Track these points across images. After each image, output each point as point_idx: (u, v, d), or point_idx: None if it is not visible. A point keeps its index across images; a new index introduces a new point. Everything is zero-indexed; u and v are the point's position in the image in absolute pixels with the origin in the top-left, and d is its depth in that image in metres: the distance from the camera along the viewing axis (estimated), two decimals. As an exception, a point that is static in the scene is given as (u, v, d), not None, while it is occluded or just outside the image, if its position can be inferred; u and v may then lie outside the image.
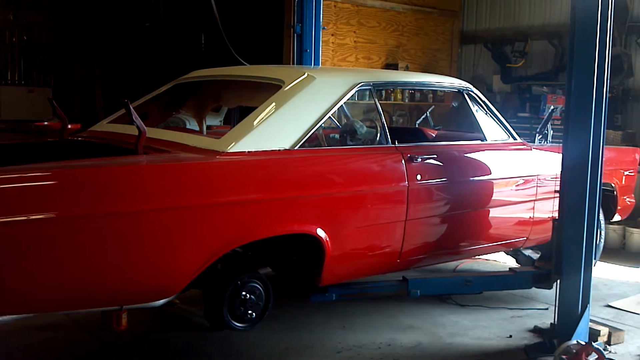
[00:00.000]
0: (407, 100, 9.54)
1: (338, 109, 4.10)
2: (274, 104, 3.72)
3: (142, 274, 3.14)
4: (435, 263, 4.80)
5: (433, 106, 7.65)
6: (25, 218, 2.82)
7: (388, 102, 9.31)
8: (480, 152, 4.58)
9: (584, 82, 3.91)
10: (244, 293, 3.62)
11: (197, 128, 5.08)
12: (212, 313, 3.62)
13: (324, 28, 6.30)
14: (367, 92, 5.44)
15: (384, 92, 9.07)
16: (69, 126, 4.32)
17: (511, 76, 9.79)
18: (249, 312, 3.64)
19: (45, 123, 8.36)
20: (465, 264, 5.99)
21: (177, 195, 3.17)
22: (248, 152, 3.48)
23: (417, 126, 6.10)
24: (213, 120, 7.00)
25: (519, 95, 9.63)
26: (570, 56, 4.01)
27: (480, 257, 5.86)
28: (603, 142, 3.99)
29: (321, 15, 6.15)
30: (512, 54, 9.74)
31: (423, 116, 6.06)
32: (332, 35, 8.74)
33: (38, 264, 2.91)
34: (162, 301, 3.33)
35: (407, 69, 9.39)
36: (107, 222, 3.00)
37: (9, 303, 2.96)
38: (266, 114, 3.65)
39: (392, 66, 9.35)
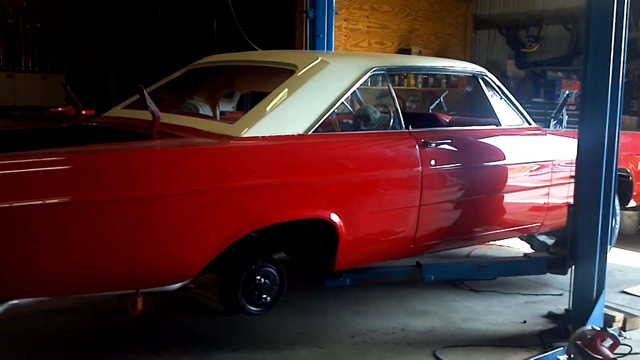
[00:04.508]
0: (420, 86, 9.50)
1: (351, 94, 4.09)
2: (287, 89, 3.71)
3: (158, 258, 3.16)
4: (449, 249, 4.80)
5: (447, 91, 7.61)
6: (41, 202, 2.84)
7: (401, 87, 9.27)
8: (495, 137, 4.54)
9: (599, 67, 3.88)
10: (258, 277, 3.62)
11: (210, 114, 5.09)
12: (227, 297, 3.63)
13: (336, 13, 6.26)
14: (381, 77, 5.42)
15: (397, 77, 9.03)
16: (83, 112, 4.33)
17: (525, 61, 9.71)
18: (264, 296, 3.65)
19: (60, 109, 8.39)
20: (479, 249, 5.98)
21: (191, 180, 3.18)
22: (262, 137, 3.48)
23: (430, 111, 6.06)
24: (226, 106, 6.99)
25: (533, 80, 9.54)
26: (586, 41, 3.97)
27: (494, 242, 5.85)
28: (619, 127, 3.95)
29: (334, 0, 6.12)
30: (527, 38, 9.65)
31: (437, 101, 6.04)
32: (345, 20, 8.69)
33: (54, 248, 2.93)
34: (177, 285, 3.36)
35: (420, 54, 9.34)
36: (122, 207, 3.02)
37: (27, 286, 2.99)
38: (280, 99, 3.64)
39: (405, 51, 9.30)
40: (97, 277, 3.08)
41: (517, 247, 6.10)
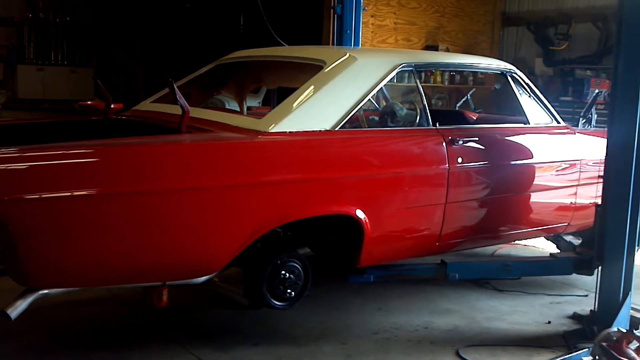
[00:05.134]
0: (446, 83, 9.47)
1: (378, 90, 4.08)
2: (315, 84, 3.71)
3: (186, 250, 3.19)
4: (474, 247, 4.77)
5: (474, 89, 7.56)
6: (69, 194, 2.88)
7: (427, 84, 9.25)
8: (523, 135, 4.51)
9: (631, 65, 3.83)
10: (283, 272, 3.64)
11: (236, 108, 5.11)
12: (252, 291, 3.66)
13: (364, 9, 6.26)
14: (408, 74, 5.38)
15: (423, 74, 9.00)
16: (112, 106, 4.38)
17: (554, 59, 9.63)
18: (288, 291, 3.67)
19: (89, 103, 8.50)
20: (504, 249, 5.94)
21: (220, 174, 3.20)
22: (289, 132, 3.49)
23: (457, 109, 6.03)
24: (252, 102, 7.03)
25: (561, 78, 9.47)
26: (617, 38, 3.92)
27: (519, 242, 5.80)
28: (650, 127, 3.91)
29: (362, -4, 6.12)
30: (555, 36, 9.58)
31: (464, 99, 5.99)
32: (372, 16, 8.69)
33: (83, 240, 2.97)
34: (203, 278, 3.40)
35: (447, 51, 9.30)
36: (151, 200, 3.05)
37: (56, 277, 3.04)
38: (307, 95, 3.65)
39: (432, 48, 9.28)
40: (125, 269, 3.12)
41: (541, 247, 6.05)
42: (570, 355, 3.81)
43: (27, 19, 11.71)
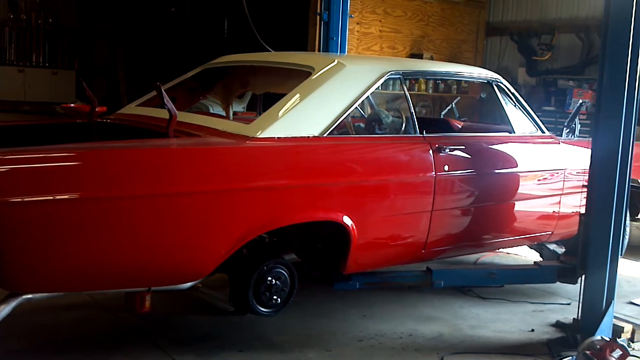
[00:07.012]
0: (430, 91, 9.51)
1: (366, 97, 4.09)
2: (303, 90, 3.71)
3: (172, 256, 3.16)
4: (459, 255, 4.79)
5: (458, 97, 7.61)
6: (52, 198, 2.84)
7: (411, 92, 9.28)
8: (509, 144, 4.54)
9: (616, 76, 3.87)
10: (269, 278, 3.62)
11: (221, 113, 5.08)
12: (238, 297, 3.64)
13: (350, 16, 6.28)
14: (393, 81, 5.42)
15: (408, 81, 9.04)
16: (97, 109, 4.34)
17: (537, 69, 9.72)
18: (274, 297, 3.65)
19: (72, 105, 8.43)
20: (487, 257, 5.97)
21: (207, 179, 3.18)
22: (277, 138, 3.48)
23: (442, 117, 6.06)
24: (236, 107, 7.01)
25: (544, 88, 9.57)
26: (602, 49, 3.96)
27: (502, 250, 5.83)
28: (633, 138, 3.94)
29: (348, 3, 6.13)
30: (539, 46, 9.68)
31: (448, 107, 6.03)
32: (358, 23, 8.72)
33: (66, 244, 2.93)
34: (189, 284, 3.38)
35: (431, 59, 9.36)
36: (137, 204, 3.02)
37: (40, 281, 3.00)
38: (295, 101, 3.65)
39: (416, 56, 9.32)
40: (110, 273, 3.08)
41: (526, 255, 6.08)
42: (553, 363, 3.83)
43: (8, 20, 11.59)
